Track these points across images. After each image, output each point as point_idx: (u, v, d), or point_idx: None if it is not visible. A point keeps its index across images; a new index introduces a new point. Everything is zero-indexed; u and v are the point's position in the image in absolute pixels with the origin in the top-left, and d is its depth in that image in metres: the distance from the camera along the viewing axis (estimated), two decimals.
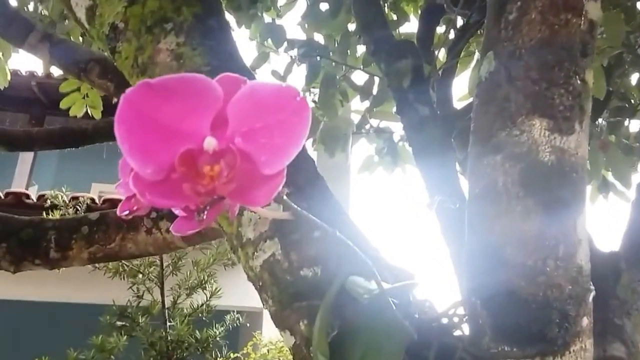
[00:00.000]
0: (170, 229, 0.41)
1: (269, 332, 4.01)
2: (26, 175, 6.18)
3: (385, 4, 2.08)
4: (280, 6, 2.20)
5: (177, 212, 0.41)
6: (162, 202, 0.31)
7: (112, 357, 3.10)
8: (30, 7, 2.06)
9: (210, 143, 0.30)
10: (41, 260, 1.15)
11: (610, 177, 2.01)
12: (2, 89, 2.11)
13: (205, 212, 0.34)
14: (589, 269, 0.62)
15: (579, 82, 0.64)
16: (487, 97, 0.67)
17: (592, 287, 0.62)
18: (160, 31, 0.77)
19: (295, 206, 0.40)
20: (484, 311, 0.62)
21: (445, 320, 0.68)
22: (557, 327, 0.58)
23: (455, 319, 0.68)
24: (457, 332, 0.68)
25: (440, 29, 2.09)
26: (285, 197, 0.38)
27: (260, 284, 0.72)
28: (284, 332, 0.70)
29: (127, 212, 0.35)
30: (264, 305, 0.73)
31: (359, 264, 0.63)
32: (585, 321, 0.61)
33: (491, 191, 0.63)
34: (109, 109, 1.97)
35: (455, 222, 1.16)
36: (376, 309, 0.61)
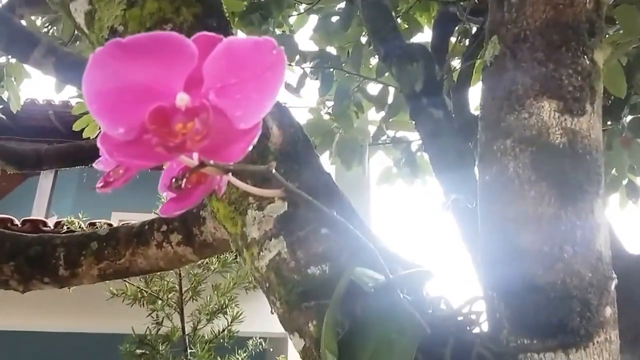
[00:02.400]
0: (159, 211, 0.40)
1: (295, 358, 3.95)
2: (45, 207, 6.20)
3: (398, 16, 2.07)
4: (292, 17, 2.20)
5: (165, 195, 0.40)
6: (132, 163, 0.30)
7: None
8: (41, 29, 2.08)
9: (182, 99, 0.29)
10: (50, 278, 1.13)
11: (639, 182, 1.98)
12: (14, 112, 2.13)
13: (184, 181, 0.32)
14: (609, 255, 0.59)
15: (587, 62, 0.61)
16: (493, 81, 0.64)
17: (614, 275, 0.59)
18: None
19: (286, 182, 0.38)
20: (501, 303, 0.59)
21: (461, 317, 0.65)
22: (579, 317, 0.55)
23: (473, 316, 0.65)
24: (475, 329, 0.65)
25: (455, 40, 2.07)
26: (274, 172, 0.36)
27: (267, 285, 0.70)
28: (293, 334, 0.67)
29: (102, 184, 0.33)
30: (271, 308, 0.71)
31: (369, 258, 0.61)
32: (609, 311, 0.57)
33: (502, 177, 0.60)
34: None
35: (473, 222, 1.13)
36: (387, 303, 0.58)
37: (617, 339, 0.59)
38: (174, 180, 0.33)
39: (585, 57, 0.61)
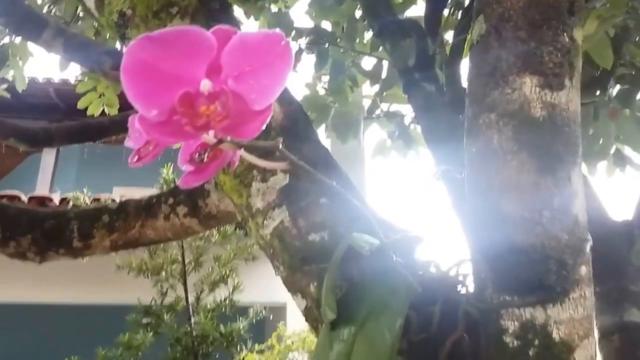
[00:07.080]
0: (178, 183, 0.45)
1: (293, 325, 4.06)
2: (48, 182, 6.26)
3: None
4: None
5: (184, 168, 0.45)
6: (165, 139, 0.36)
7: (139, 353, 3.17)
8: (43, 9, 2.11)
9: (205, 85, 0.35)
10: (65, 249, 1.18)
11: (626, 150, 2.02)
12: (20, 92, 2.17)
13: (206, 155, 0.38)
14: (585, 220, 0.64)
15: (567, 39, 0.66)
16: (479, 59, 0.69)
17: (589, 238, 0.64)
18: (167, 15, 0.81)
19: (292, 156, 0.43)
20: (486, 265, 0.64)
21: (449, 278, 0.70)
22: (555, 275, 0.60)
23: (460, 277, 0.70)
24: (462, 290, 0.70)
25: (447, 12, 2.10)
26: (281, 147, 0.41)
27: (271, 251, 0.75)
28: (296, 295, 0.73)
29: (136, 158, 0.39)
30: (275, 272, 0.77)
31: (365, 225, 0.66)
32: (584, 270, 0.63)
33: (487, 149, 0.65)
34: (125, 107, 2.01)
35: (462, 191, 1.17)
36: (381, 265, 0.64)
37: (592, 295, 0.64)
38: (197, 155, 0.38)
39: (565, 34, 0.65)
